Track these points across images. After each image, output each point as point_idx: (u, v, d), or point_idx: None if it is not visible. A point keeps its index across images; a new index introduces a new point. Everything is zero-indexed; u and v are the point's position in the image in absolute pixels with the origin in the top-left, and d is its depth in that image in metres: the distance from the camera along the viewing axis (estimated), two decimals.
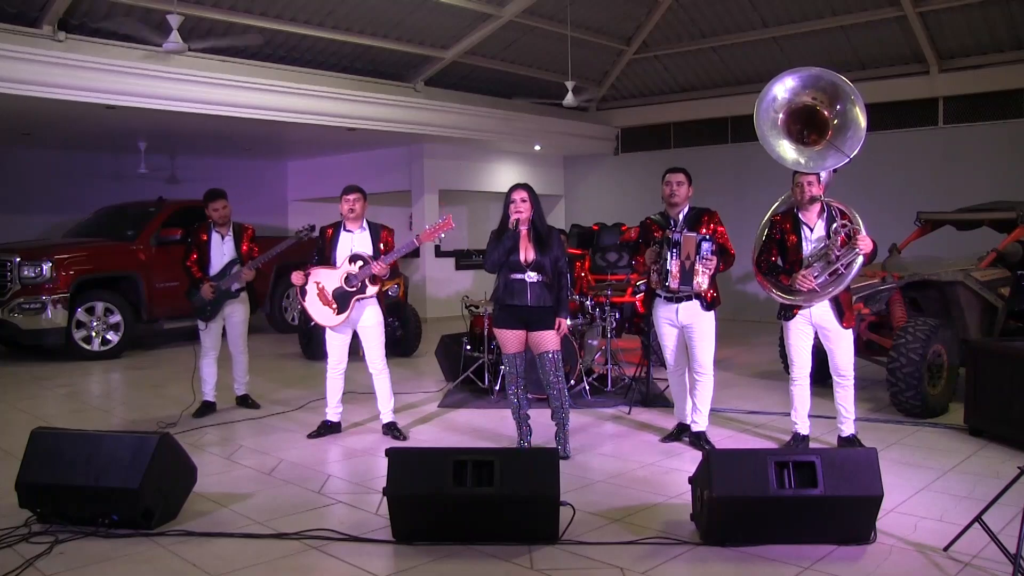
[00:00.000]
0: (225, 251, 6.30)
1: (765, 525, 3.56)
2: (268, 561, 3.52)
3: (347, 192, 5.53)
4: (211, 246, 6.31)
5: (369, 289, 5.40)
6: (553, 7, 11.07)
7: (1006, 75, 10.57)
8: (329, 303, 5.43)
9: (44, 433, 3.99)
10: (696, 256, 4.92)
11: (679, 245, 4.95)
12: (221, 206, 6.27)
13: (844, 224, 4.83)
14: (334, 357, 5.61)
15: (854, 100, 4.90)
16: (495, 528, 3.65)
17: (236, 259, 6.29)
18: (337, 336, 5.56)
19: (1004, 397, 5.20)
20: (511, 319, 4.97)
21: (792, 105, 5.02)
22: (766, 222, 5.40)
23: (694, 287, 4.95)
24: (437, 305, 13.27)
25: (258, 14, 9.54)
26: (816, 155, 4.94)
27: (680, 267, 4.93)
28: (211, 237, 6.33)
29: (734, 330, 11.00)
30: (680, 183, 5.10)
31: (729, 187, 12.44)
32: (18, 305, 8.80)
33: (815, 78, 5.00)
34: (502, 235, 4.95)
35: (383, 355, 5.61)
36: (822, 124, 5.01)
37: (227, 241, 6.33)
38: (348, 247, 5.48)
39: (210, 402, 6.41)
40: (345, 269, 5.40)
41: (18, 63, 7.93)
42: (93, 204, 11.30)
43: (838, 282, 4.82)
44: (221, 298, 6.23)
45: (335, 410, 5.73)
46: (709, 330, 5.09)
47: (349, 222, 5.53)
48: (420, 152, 13.03)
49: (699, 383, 5.16)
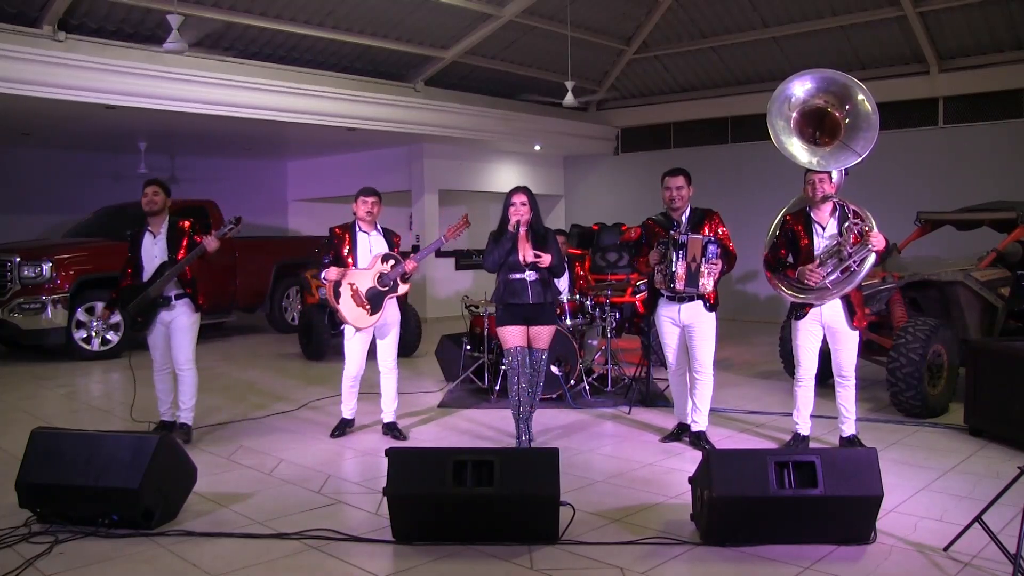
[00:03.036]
0: (156, 252, 5.37)
1: (765, 525, 3.56)
2: (268, 561, 3.52)
3: (366, 194, 5.49)
4: (142, 247, 5.43)
5: (401, 288, 5.41)
6: (553, 7, 11.07)
7: (1006, 75, 10.58)
8: (363, 304, 5.38)
9: (44, 433, 3.99)
10: (702, 258, 4.92)
11: (685, 247, 4.94)
12: (152, 192, 5.38)
13: (856, 222, 4.83)
14: (352, 364, 5.50)
15: (865, 100, 4.90)
16: (495, 528, 3.65)
17: (169, 261, 5.32)
18: (359, 339, 5.47)
19: (1004, 397, 5.20)
20: (513, 317, 5.07)
21: (806, 107, 5.02)
22: (778, 221, 5.40)
23: (699, 289, 4.95)
24: (437, 305, 13.27)
25: (258, 14, 9.54)
26: (828, 155, 4.95)
27: (686, 269, 4.93)
28: (143, 236, 5.45)
29: (734, 330, 11.00)
30: (680, 187, 5.09)
31: (729, 187, 12.45)
32: (18, 305, 8.79)
33: (827, 80, 5.01)
34: (501, 236, 5.05)
35: (395, 355, 5.60)
36: (834, 126, 5.01)
37: (159, 240, 5.39)
38: (368, 248, 5.48)
39: (167, 422, 5.59)
40: (378, 269, 5.39)
41: (18, 63, 7.93)
42: (93, 204, 11.30)
43: (850, 279, 4.82)
44: (153, 306, 5.33)
45: (351, 409, 5.70)
46: (710, 331, 5.11)
47: (365, 224, 5.50)
48: (420, 152, 13.03)
49: (699, 383, 5.17)
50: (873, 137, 4.88)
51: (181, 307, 5.38)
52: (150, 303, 5.33)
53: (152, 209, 5.40)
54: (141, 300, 5.33)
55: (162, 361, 5.51)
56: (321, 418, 6.20)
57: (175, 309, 5.37)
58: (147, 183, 5.47)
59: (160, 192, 5.43)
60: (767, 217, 6.40)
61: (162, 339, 5.44)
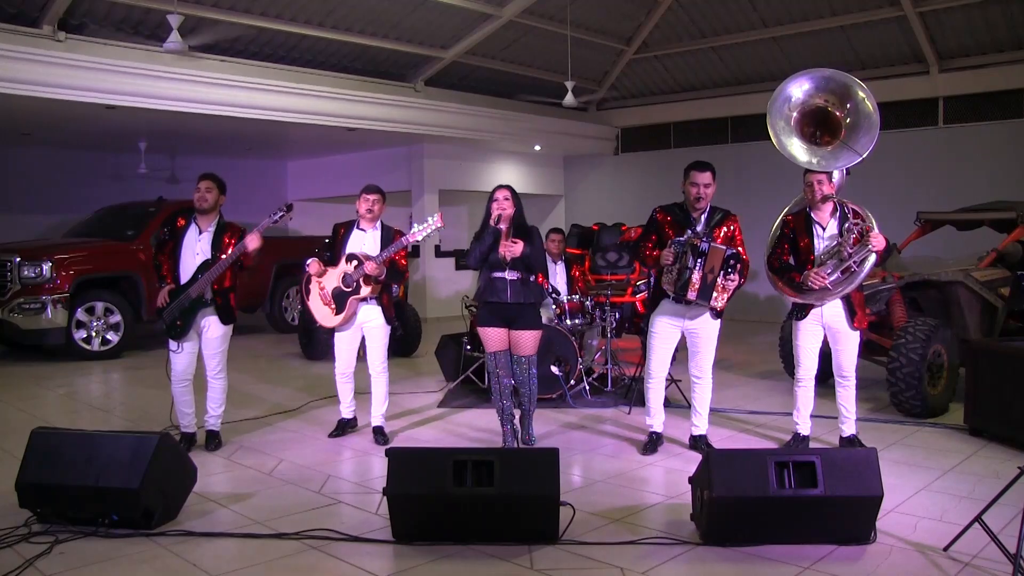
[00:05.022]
0: (199, 249, 5.11)
1: (765, 525, 3.56)
2: (268, 561, 3.52)
3: (368, 191, 5.41)
4: (184, 241, 5.13)
5: (363, 290, 5.25)
6: (553, 7, 11.07)
7: (1006, 75, 10.58)
8: (328, 303, 5.38)
9: (44, 433, 3.99)
10: (720, 271, 4.64)
11: (705, 256, 4.64)
12: (205, 188, 5.10)
13: (856, 223, 4.82)
14: (342, 361, 5.49)
15: (866, 99, 4.88)
16: (495, 528, 3.64)
17: (212, 260, 5.06)
18: (344, 338, 5.45)
19: (1004, 397, 5.20)
20: (493, 317, 5.01)
21: (806, 107, 4.98)
22: (779, 222, 5.37)
23: (711, 302, 4.70)
24: (437, 305, 13.27)
25: (258, 14, 9.55)
26: (828, 155, 4.92)
27: (702, 279, 4.64)
28: (188, 228, 5.17)
29: (734, 330, 10.99)
30: (708, 185, 4.80)
31: (729, 187, 12.38)
32: (18, 305, 8.79)
33: (827, 80, 4.97)
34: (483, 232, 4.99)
35: (384, 358, 5.49)
36: (835, 125, 4.98)
37: (204, 237, 5.14)
38: (360, 246, 5.36)
39: (189, 434, 5.33)
40: (342, 268, 5.32)
41: (18, 63, 7.94)
42: (93, 204, 11.30)
43: (850, 280, 4.80)
44: (193, 308, 5.08)
45: (349, 408, 5.66)
46: (713, 336, 4.98)
47: (365, 221, 5.43)
48: (420, 152, 13.03)
49: (699, 387, 5.08)
50: (874, 137, 4.85)
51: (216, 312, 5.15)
52: (190, 304, 5.05)
53: (203, 207, 5.08)
54: (181, 302, 5.04)
55: (185, 372, 5.17)
56: (321, 418, 6.20)
57: (212, 314, 5.12)
58: (201, 177, 5.12)
59: (213, 188, 5.11)
60: (768, 217, 6.39)
61: (191, 345, 5.15)
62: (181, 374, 5.18)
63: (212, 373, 5.26)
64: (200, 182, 5.11)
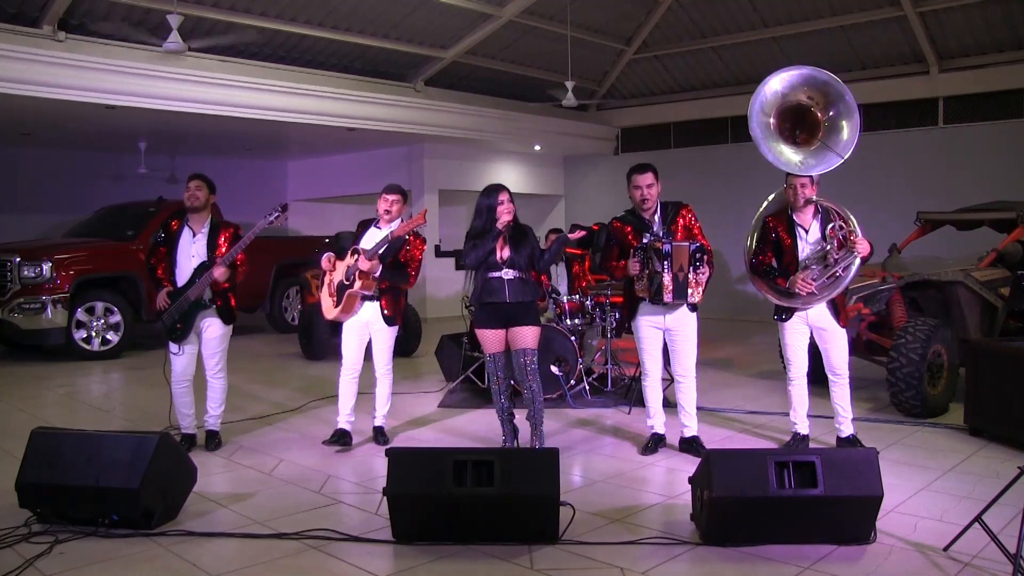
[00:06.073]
0: (195, 252, 5.13)
1: (765, 525, 3.56)
2: (268, 561, 3.52)
3: (388, 191, 5.40)
4: (179, 244, 5.16)
5: (356, 284, 5.23)
6: (553, 7, 11.08)
7: (1006, 75, 10.58)
8: (332, 294, 5.39)
9: (44, 433, 3.99)
10: (689, 267, 4.68)
11: (670, 257, 4.68)
12: (195, 186, 5.14)
13: (840, 227, 4.80)
14: (348, 358, 5.41)
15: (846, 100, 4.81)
16: (495, 528, 3.64)
17: (208, 263, 5.07)
18: (350, 336, 5.41)
19: (1004, 397, 5.19)
20: (491, 318, 4.96)
21: (782, 105, 4.92)
22: (757, 222, 5.29)
23: (688, 299, 4.75)
24: (437, 305, 13.27)
25: (258, 14, 9.54)
26: (810, 156, 4.88)
27: (673, 279, 4.67)
28: (181, 232, 5.19)
29: (734, 330, 11.01)
30: (650, 185, 4.87)
31: (729, 187, 12.44)
32: (18, 305, 8.79)
33: (806, 78, 4.88)
34: (483, 235, 4.93)
35: (388, 359, 5.45)
36: (813, 124, 4.92)
37: (199, 239, 5.16)
38: (367, 243, 5.33)
39: (189, 435, 5.33)
40: (347, 262, 5.34)
41: (18, 63, 7.94)
42: (93, 204, 11.30)
43: (836, 285, 4.80)
44: (192, 311, 5.10)
45: (347, 418, 5.44)
46: (693, 333, 4.98)
47: (382, 221, 5.40)
48: (420, 152, 13.04)
49: (684, 387, 5.03)
50: (854, 139, 4.77)
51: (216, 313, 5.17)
52: (189, 307, 5.06)
53: (194, 205, 5.12)
54: (180, 304, 5.06)
55: (184, 372, 5.18)
56: (321, 418, 6.20)
57: (212, 314, 5.14)
58: (191, 177, 5.18)
59: (203, 187, 5.16)
60: None
61: (190, 347, 5.17)
62: (180, 375, 5.20)
63: (212, 373, 5.26)
64: (190, 181, 5.16)
